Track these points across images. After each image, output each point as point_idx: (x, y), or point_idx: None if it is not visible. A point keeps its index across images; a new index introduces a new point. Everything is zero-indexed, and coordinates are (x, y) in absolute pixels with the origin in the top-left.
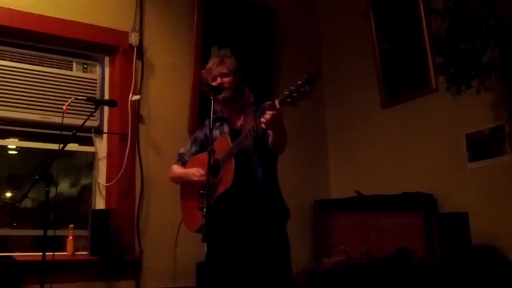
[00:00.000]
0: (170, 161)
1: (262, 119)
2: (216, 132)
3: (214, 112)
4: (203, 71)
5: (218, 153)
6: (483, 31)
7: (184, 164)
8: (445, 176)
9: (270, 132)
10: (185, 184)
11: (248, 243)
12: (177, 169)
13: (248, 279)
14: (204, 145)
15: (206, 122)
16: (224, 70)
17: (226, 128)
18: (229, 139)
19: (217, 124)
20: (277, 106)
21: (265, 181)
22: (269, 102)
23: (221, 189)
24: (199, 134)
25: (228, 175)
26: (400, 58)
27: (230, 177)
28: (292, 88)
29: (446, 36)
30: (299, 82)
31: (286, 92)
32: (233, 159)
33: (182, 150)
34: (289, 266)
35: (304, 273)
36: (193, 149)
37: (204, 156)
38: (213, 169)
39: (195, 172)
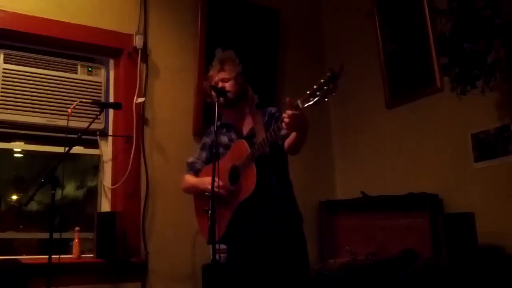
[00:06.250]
0: (175, 163)
1: (285, 120)
2: (224, 139)
3: (219, 115)
4: (205, 82)
5: (235, 160)
6: (487, 31)
7: (197, 172)
8: (451, 176)
9: (289, 133)
10: (198, 198)
11: (267, 249)
12: (190, 178)
13: (268, 284)
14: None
15: (212, 128)
16: (226, 76)
17: (233, 135)
18: (247, 145)
19: (223, 130)
20: (300, 106)
21: (278, 184)
22: (290, 101)
23: (243, 195)
24: (207, 140)
25: (249, 181)
26: (404, 58)
27: (252, 183)
28: (315, 87)
29: (451, 36)
30: (322, 81)
31: (308, 92)
32: (254, 164)
33: (191, 159)
34: (308, 267)
35: None
36: (204, 154)
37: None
38: (232, 176)
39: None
